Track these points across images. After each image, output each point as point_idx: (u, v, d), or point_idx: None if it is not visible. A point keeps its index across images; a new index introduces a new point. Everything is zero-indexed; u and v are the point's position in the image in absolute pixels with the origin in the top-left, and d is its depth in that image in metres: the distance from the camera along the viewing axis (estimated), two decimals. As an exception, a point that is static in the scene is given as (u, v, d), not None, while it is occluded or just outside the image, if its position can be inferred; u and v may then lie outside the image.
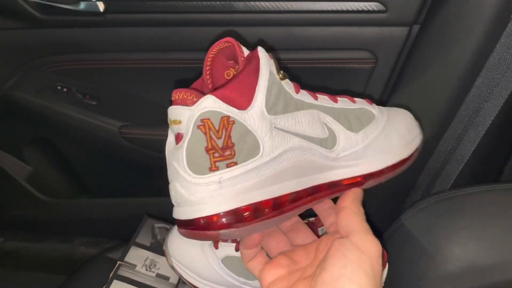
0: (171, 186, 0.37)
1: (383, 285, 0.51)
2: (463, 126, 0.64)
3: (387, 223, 0.62)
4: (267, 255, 0.43)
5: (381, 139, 0.42)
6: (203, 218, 0.35)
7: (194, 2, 0.68)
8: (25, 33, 0.75)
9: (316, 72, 0.73)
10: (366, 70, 0.72)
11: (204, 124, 0.34)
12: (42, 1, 0.69)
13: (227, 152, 0.34)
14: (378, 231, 0.56)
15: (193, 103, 0.34)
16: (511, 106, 0.61)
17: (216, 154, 0.34)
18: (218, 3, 0.67)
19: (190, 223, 0.35)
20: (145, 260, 0.63)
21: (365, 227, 0.37)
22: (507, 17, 0.56)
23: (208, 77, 0.40)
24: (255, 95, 0.35)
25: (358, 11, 0.66)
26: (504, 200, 0.55)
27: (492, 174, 0.71)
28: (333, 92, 0.44)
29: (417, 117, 0.49)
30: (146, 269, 0.61)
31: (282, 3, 0.66)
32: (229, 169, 0.34)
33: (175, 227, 0.62)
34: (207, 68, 0.40)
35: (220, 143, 0.34)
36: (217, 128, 0.34)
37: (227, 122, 0.34)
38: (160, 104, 0.83)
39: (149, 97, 0.82)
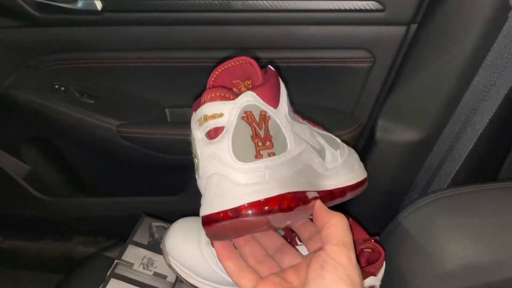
0: (209, 180, 0.37)
1: (378, 286, 0.51)
2: (460, 125, 0.64)
3: (384, 221, 0.62)
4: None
5: (348, 161, 0.50)
6: (254, 203, 0.36)
7: (192, 1, 0.68)
8: (23, 32, 0.75)
9: (314, 71, 0.74)
10: (364, 69, 0.72)
11: (247, 115, 0.37)
12: (40, 0, 0.69)
13: (268, 143, 0.37)
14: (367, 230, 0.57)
15: (229, 98, 0.37)
16: (509, 105, 0.61)
17: (260, 143, 0.37)
18: (216, 2, 0.67)
19: (236, 211, 0.36)
20: (143, 259, 0.62)
21: (338, 238, 0.38)
22: (504, 16, 0.56)
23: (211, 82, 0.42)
24: (280, 99, 0.40)
25: (356, 10, 0.66)
26: (501, 198, 0.55)
27: (490, 173, 0.71)
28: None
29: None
30: (144, 268, 0.61)
31: (280, 2, 0.66)
32: (270, 158, 0.37)
33: (173, 226, 0.62)
34: (214, 80, 0.41)
35: (261, 133, 0.37)
36: (257, 120, 0.37)
37: (264, 116, 0.38)
38: (158, 103, 0.83)
39: (146, 95, 0.82)
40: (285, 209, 0.37)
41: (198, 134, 0.38)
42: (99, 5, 0.69)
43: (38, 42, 0.76)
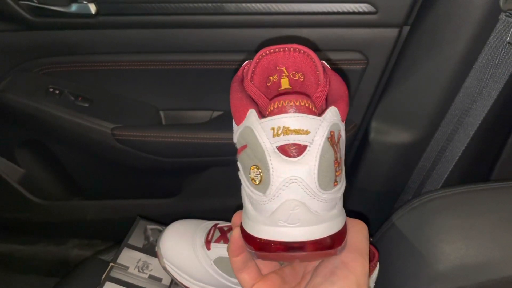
0: (284, 205, 0.32)
1: (373, 284, 0.51)
2: (453, 127, 0.65)
3: (378, 222, 0.62)
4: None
5: None
6: (335, 237, 0.33)
7: (186, 4, 0.68)
8: (17, 35, 0.75)
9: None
10: (357, 71, 0.72)
11: (331, 136, 0.33)
12: (33, 3, 0.69)
13: (338, 167, 0.34)
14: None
15: (315, 112, 0.32)
16: (500, 106, 0.61)
17: (337, 168, 0.33)
18: (209, 4, 0.67)
19: (320, 242, 0.33)
20: (138, 262, 0.62)
21: (355, 245, 0.37)
22: (495, 18, 0.57)
23: (251, 77, 0.37)
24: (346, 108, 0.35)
25: (348, 13, 0.66)
26: (494, 199, 0.55)
27: (482, 174, 0.71)
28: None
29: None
30: (139, 271, 0.61)
31: (273, 4, 0.67)
32: (341, 184, 0.34)
33: (168, 229, 0.62)
34: (254, 68, 0.37)
35: (338, 156, 0.33)
36: (336, 140, 0.33)
37: (339, 135, 0.34)
38: (153, 106, 0.83)
39: (141, 98, 0.82)
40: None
41: (267, 143, 0.32)
42: (93, 9, 0.69)
43: (32, 46, 0.76)
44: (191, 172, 0.83)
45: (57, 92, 0.78)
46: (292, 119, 0.32)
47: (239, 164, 0.35)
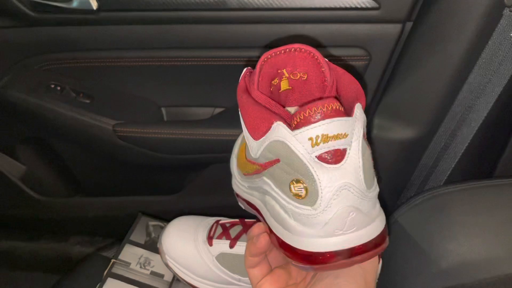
0: (340, 213, 0.31)
1: (376, 282, 0.51)
2: (456, 123, 0.65)
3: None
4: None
5: None
6: (384, 228, 0.33)
7: (188, -1, 0.68)
8: (18, 32, 0.75)
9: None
10: (360, 67, 0.72)
11: (363, 133, 0.32)
12: (34, -1, 0.69)
13: (373, 161, 0.34)
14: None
15: (344, 112, 0.31)
16: (503, 102, 0.61)
17: (373, 165, 0.33)
18: (211, 0, 0.67)
19: (376, 240, 0.32)
20: (140, 258, 0.62)
21: None
22: (499, 14, 0.56)
23: (257, 76, 0.36)
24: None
25: (351, 8, 0.66)
26: (497, 196, 0.55)
27: (485, 170, 0.71)
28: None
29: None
30: (141, 267, 0.61)
31: (275, 0, 0.66)
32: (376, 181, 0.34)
33: (169, 225, 0.62)
34: (260, 69, 0.36)
35: (371, 152, 0.33)
36: (366, 136, 0.33)
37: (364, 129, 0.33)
38: (154, 102, 0.83)
39: (143, 95, 0.82)
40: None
41: (306, 155, 0.30)
42: (94, 4, 0.69)
43: (33, 42, 0.76)
44: (193, 168, 0.83)
45: (58, 88, 0.78)
46: (330, 125, 0.30)
47: (266, 179, 0.34)
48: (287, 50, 0.35)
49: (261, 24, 0.70)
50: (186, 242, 0.59)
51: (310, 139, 0.30)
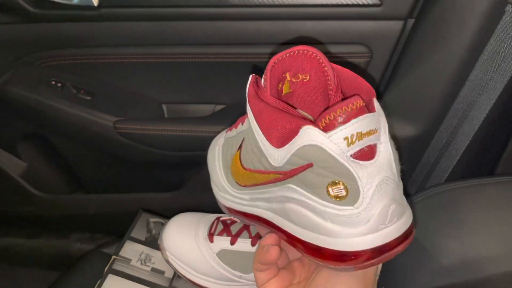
0: (384, 207, 0.31)
1: (376, 278, 0.51)
2: (457, 120, 0.64)
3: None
4: None
5: None
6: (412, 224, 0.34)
7: (189, -4, 0.67)
8: (19, 28, 0.75)
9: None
10: (361, 64, 0.72)
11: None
12: (35, -4, 0.69)
13: None
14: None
15: (366, 109, 0.31)
16: (505, 99, 0.61)
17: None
18: (212, -3, 0.67)
19: (411, 227, 0.33)
20: (140, 255, 0.62)
21: None
22: (501, 11, 0.56)
23: (269, 82, 0.35)
24: None
25: (353, 5, 0.65)
26: (498, 193, 0.55)
27: (487, 168, 0.71)
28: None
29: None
30: (141, 264, 0.61)
31: (277, -3, 0.66)
32: None
33: (170, 222, 0.62)
34: (270, 74, 0.35)
35: None
36: None
37: None
38: (155, 99, 0.83)
39: (144, 92, 0.82)
40: None
41: (342, 155, 0.30)
42: (95, 1, 0.69)
43: (34, 38, 0.76)
44: (194, 165, 0.83)
45: (59, 85, 0.78)
46: (363, 123, 0.30)
47: (293, 186, 0.33)
48: (292, 53, 0.35)
49: (262, 21, 0.70)
50: (187, 238, 0.58)
51: (346, 138, 0.30)
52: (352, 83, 0.35)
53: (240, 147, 0.39)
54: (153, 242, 0.64)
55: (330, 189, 0.31)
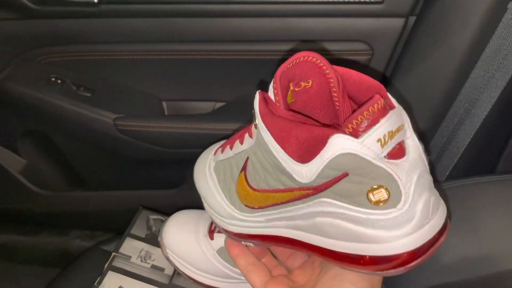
0: (426, 202, 0.31)
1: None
2: (458, 118, 0.64)
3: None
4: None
5: None
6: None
7: (189, -8, 0.67)
8: (18, 24, 0.74)
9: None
10: (362, 61, 0.72)
11: None
12: (35, -8, 0.69)
13: None
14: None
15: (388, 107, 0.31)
16: (507, 97, 0.61)
17: None
18: (213, -6, 0.67)
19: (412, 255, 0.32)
20: (140, 252, 0.62)
21: None
22: (503, 8, 0.56)
23: (280, 95, 0.34)
24: None
25: (354, 2, 0.65)
26: (499, 191, 0.55)
27: (488, 166, 0.71)
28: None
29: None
30: (141, 261, 0.61)
31: (277, -7, 0.66)
32: None
33: (170, 219, 0.62)
34: (279, 87, 0.34)
35: None
36: None
37: None
38: (155, 96, 0.83)
39: (144, 89, 0.82)
40: None
41: (377, 158, 0.29)
42: (95, -3, 0.68)
43: (34, 35, 0.76)
44: (194, 163, 0.83)
45: (59, 81, 0.78)
46: (391, 121, 0.29)
47: (327, 199, 0.32)
48: (294, 61, 0.34)
49: (263, 18, 0.70)
50: (187, 235, 0.58)
51: (379, 140, 0.29)
52: (359, 84, 0.34)
53: (244, 168, 0.37)
54: (153, 239, 0.64)
55: (370, 195, 0.30)
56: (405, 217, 0.30)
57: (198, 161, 0.48)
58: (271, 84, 0.34)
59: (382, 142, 0.29)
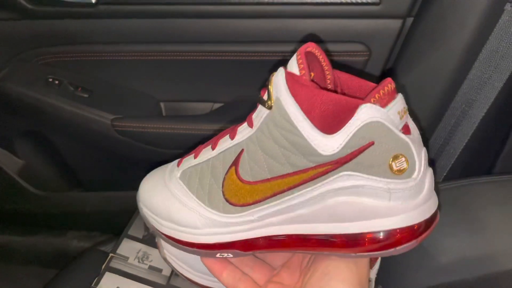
0: (428, 178, 0.34)
1: (373, 279, 0.51)
2: (455, 119, 0.64)
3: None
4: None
5: None
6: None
7: (187, -7, 0.67)
8: (15, 24, 0.74)
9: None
10: (360, 62, 0.72)
11: None
12: (32, -8, 0.68)
13: None
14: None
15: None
16: (504, 98, 0.61)
17: None
18: (211, -6, 0.67)
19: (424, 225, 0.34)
20: (138, 252, 0.62)
21: None
22: (500, 9, 0.56)
23: (306, 68, 0.34)
24: None
25: (351, 3, 0.65)
26: (497, 192, 0.55)
27: (485, 167, 0.71)
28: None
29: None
30: (139, 261, 0.61)
31: (275, -6, 0.66)
32: None
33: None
34: (305, 58, 0.35)
35: None
36: None
37: None
38: (153, 97, 0.83)
39: (142, 89, 0.82)
40: None
41: (397, 129, 0.31)
42: (93, -2, 0.68)
43: (31, 35, 0.75)
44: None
45: (56, 82, 0.77)
46: (402, 99, 0.32)
47: (349, 172, 0.32)
48: (306, 49, 0.35)
49: (261, 19, 0.70)
50: (184, 236, 0.58)
51: (399, 113, 0.31)
52: (351, 84, 0.35)
53: (235, 163, 0.36)
54: (151, 240, 0.64)
55: (393, 164, 0.31)
56: (418, 188, 0.32)
57: (146, 181, 0.47)
58: (294, 60, 0.34)
59: (400, 115, 0.31)
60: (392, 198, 0.32)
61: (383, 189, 0.32)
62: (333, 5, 0.66)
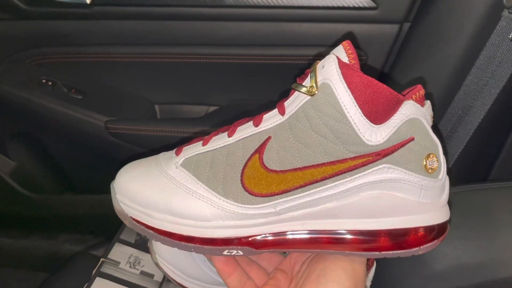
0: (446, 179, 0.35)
1: (369, 283, 0.51)
2: (452, 125, 0.64)
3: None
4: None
5: None
6: None
7: (183, -5, 0.67)
8: (9, 25, 0.74)
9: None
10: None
11: None
12: (27, -8, 0.68)
13: None
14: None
15: None
16: (501, 104, 0.61)
17: None
18: (207, -3, 0.66)
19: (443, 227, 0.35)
20: (129, 257, 0.61)
21: None
22: (497, 16, 0.56)
23: (354, 54, 0.34)
24: None
25: (348, 8, 0.65)
26: (491, 199, 0.55)
27: (480, 173, 0.71)
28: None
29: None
30: (130, 266, 0.60)
31: (272, -2, 0.66)
32: None
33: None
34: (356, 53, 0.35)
35: None
36: None
37: None
38: (147, 99, 0.82)
39: (136, 91, 0.81)
40: None
41: (431, 128, 0.34)
42: (87, -2, 0.68)
43: (25, 36, 0.75)
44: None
45: (50, 83, 0.77)
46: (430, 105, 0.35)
47: (388, 165, 0.32)
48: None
49: (257, 22, 0.70)
50: (177, 241, 0.58)
51: (432, 116, 0.34)
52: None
53: (259, 150, 0.34)
54: (143, 245, 0.64)
55: (426, 161, 0.33)
56: (442, 187, 0.34)
57: (127, 170, 0.41)
58: (340, 49, 0.34)
59: (432, 118, 0.34)
60: (422, 195, 0.33)
61: (417, 186, 0.33)
62: (330, 9, 0.66)
